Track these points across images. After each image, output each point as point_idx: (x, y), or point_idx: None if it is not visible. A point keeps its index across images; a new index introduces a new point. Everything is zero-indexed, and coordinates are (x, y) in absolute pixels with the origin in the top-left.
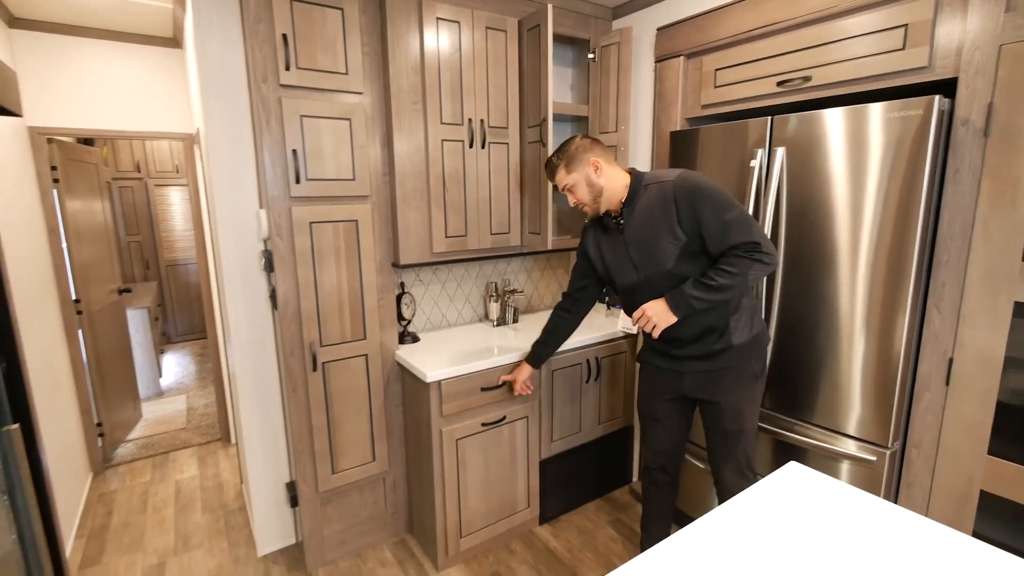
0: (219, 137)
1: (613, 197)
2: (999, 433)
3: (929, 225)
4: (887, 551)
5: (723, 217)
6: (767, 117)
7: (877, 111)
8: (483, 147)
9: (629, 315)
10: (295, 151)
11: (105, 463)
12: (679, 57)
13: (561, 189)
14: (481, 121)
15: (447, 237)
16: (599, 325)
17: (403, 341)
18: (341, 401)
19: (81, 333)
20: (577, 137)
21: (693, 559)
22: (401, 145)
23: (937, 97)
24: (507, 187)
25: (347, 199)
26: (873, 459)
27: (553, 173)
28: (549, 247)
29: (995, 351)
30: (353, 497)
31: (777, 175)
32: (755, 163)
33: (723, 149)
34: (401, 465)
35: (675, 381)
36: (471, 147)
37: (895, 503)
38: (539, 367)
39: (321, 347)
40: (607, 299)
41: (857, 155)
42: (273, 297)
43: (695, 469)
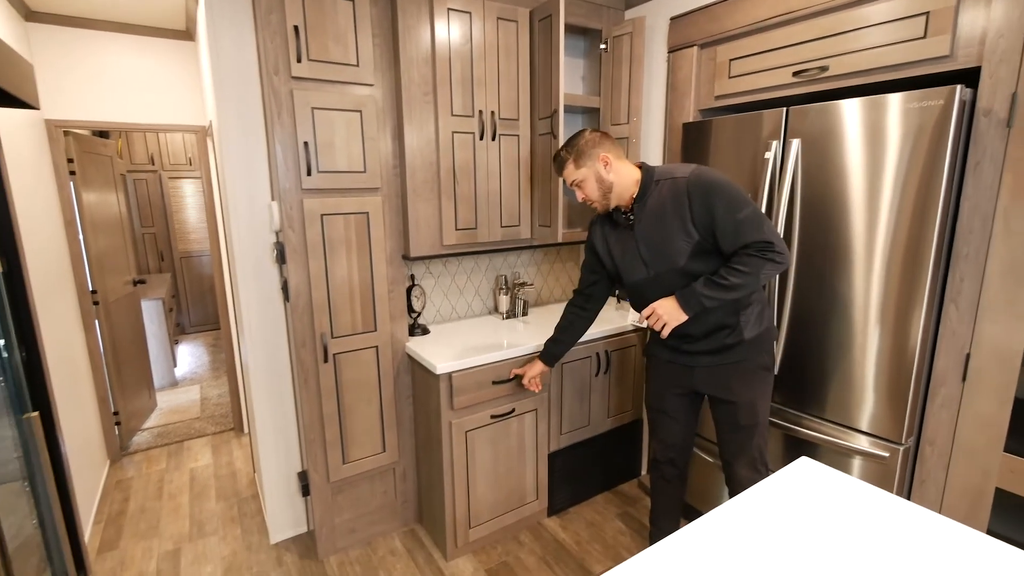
0: (232, 129)
1: (624, 193)
2: (1016, 430)
3: (948, 219)
4: (899, 547)
5: (736, 215)
6: (782, 108)
7: (896, 101)
8: (493, 139)
9: (637, 311)
10: (306, 143)
11: (122, 451)
12: (693, 47)
13: (569, 184)
14: (492, 113)
15: (457, 229)
16: (608, 319)
17: (413, 333)
18: (352, 392)
19: (98, 323)
20: (586, 130)
21: (702, 553)
22: (412, 137)
23: (959, 86)
24: (517, 179)
25: (358, 191)
26: (886, 455)
27: (561, 167)
28: (559, 240)
29: (1014, 347)
30: (363, 487)
31: (792, 167)
32: (769, 155)
33: (737, 141)
34: (411, 456)
35: (685, 376)
36: (481, 139)
37: (908, 500)
38: (552, 365)
39: (332, 338)
40: (617, 293)
41: (874, 147)
42: (285, 289)
43: (704, 463)
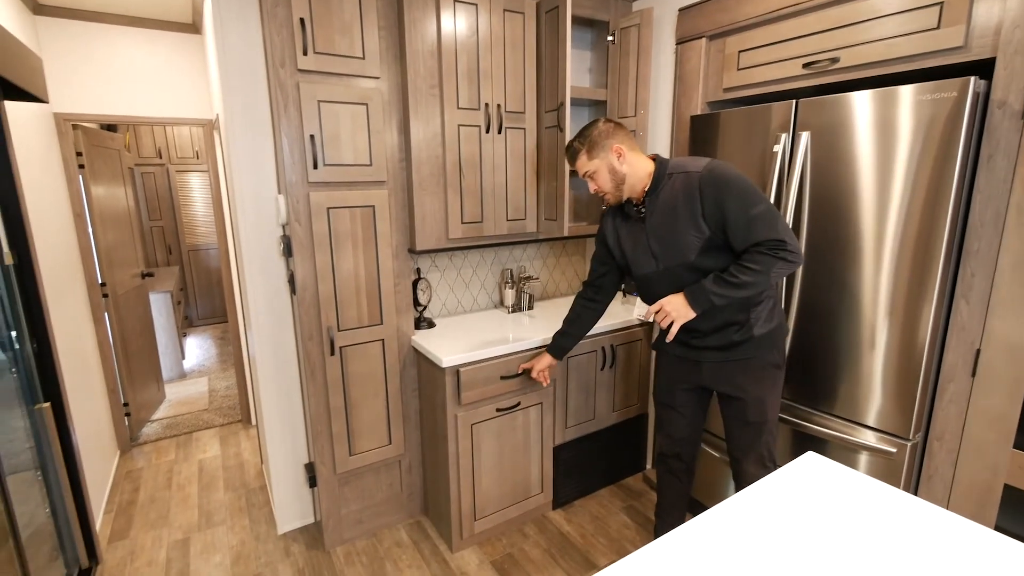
0: (238, 123)
1: (636, 185)
2: None
3: (959, 212)
4: (906, 543)
5: (749, 212)
6: (791, 101)
7: (908, 93)
8: (499, 132)
9: (647, 304)
10: (312, 136)
11: (131, 442)
12: (701, 39)
13: (582, 175)
14: (498, 106)
15: (463, 223)
16: (614, 313)
17: (419, 326)
18: (358, 385)
19: (107, 316)
20: (600, 121)
21: (707, 547)
22: (418, 130)
23: (973, 78)
24: (523, 173)
25: (364, 184)
26: (893, 451)
27: (574, 158)
28: (565, 234)
29: None
30: (369, 479)
31: (801, 160)
32: (778, 148)
33: (745, 134)
34: (417, 449)
35: (693, 371)
36: (487, 132)
37: (915, 495)
38: (561, 358)
39: (339, 331)
40: (623, 287)
41: (885, 140)
42: (292, 282)
43: (710, 458)
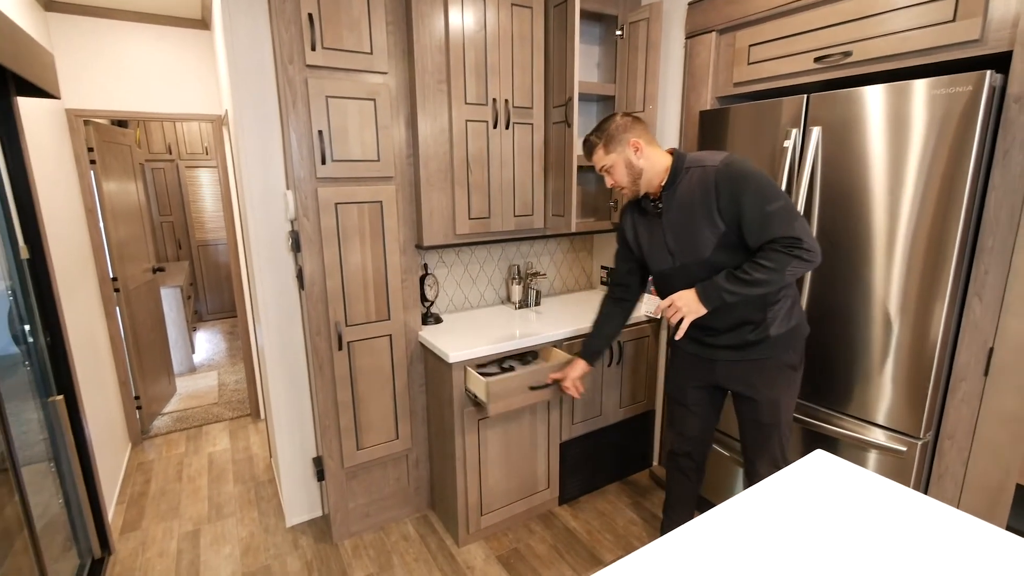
0: (247, 118)
1: (653, 180)
2: None
3: (973, 209)
4: (916, 541)
5: (765, 208)
6: (802, 95)
7: (921, 88)
8: (507, 128)
9: (662, 299)
10: (321, 132)
11: (143, 434)
12: (711, 33)
13: (598, 170)
14: (506, 101)
15: (470, 219)
16: None
17: (426, 322)
18: (366, 380)
19: (118, 310)
20: (617, 115)
21: (714, 544)
22: (425, 126)
23: (989, 72)
24: (531, 168)
25: (372, 180)
26: (903, 449)
27: (591, 152)
28: (573, 230)
29: None
30: (377, 473)
31: (811, 156)
32: (788, 144)
33: (755, 129)
34: (424, 443)
35: (707, 369)
36: (495, 128)
37: (925, 495)
38: (594, 363)
39: (346, 326)
40: None
41: (898, 135)
42: (300, 277)
43: (720, 456)
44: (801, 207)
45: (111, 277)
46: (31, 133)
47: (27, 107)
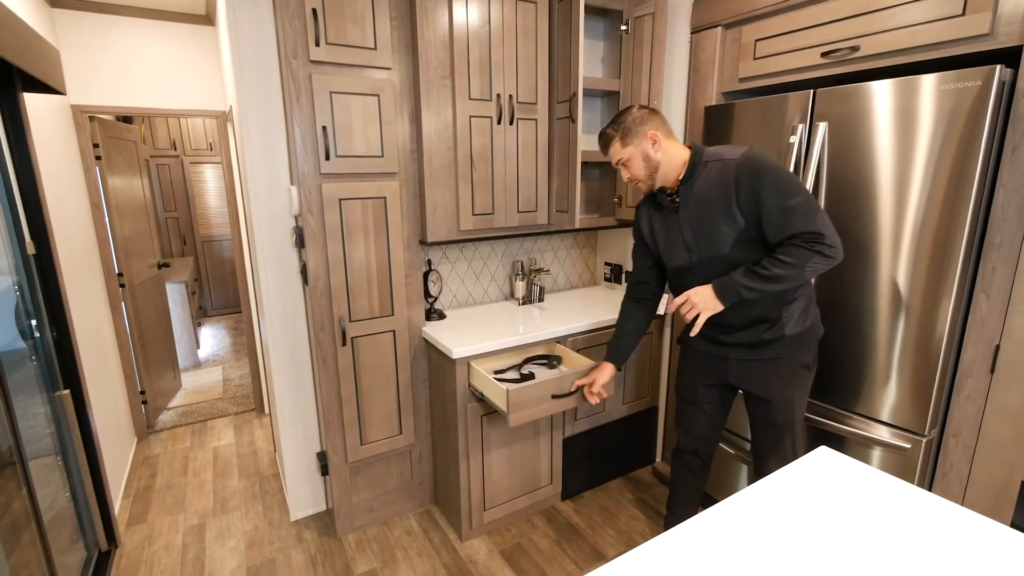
0: (251, 114)
1: (671, 174)
2: None
3: (981, 205)
4: (920, 538)
5: (786, 203)
6: (809, 91)
7: (930, 83)
8: (511, 123)
9: (676, 296)
10: (325, 128)
11: (148, 429)
12: (717, 27)
13: (614, 163)
14: (510, 97)
15: (474, 215)
16: None
17: (429, 318)
18: (369, 375)
19: (124, 305)
20: (634, 107)
21: (717, 540)
22: (429, 121)
23: (999, 67)
24: (535, 164)
25: (375, 176)
26: (907, 447)
27: (607, 145)
28: (577, 226)
29: None
30: (380, 468)
31: (818, 152)
32: (794, 139)
33: (761, 125)
34: (427, 439)
35: (718, 367)
36: (499, 123)
37: (929, 492)
38: (622, 366)
39: (350, 322)
40: None
41: (905, 130)
42: (304, 272)
43: (724, 454)
44: None
45: (117, 273)
46: (37, 129)
47: (33, 103)
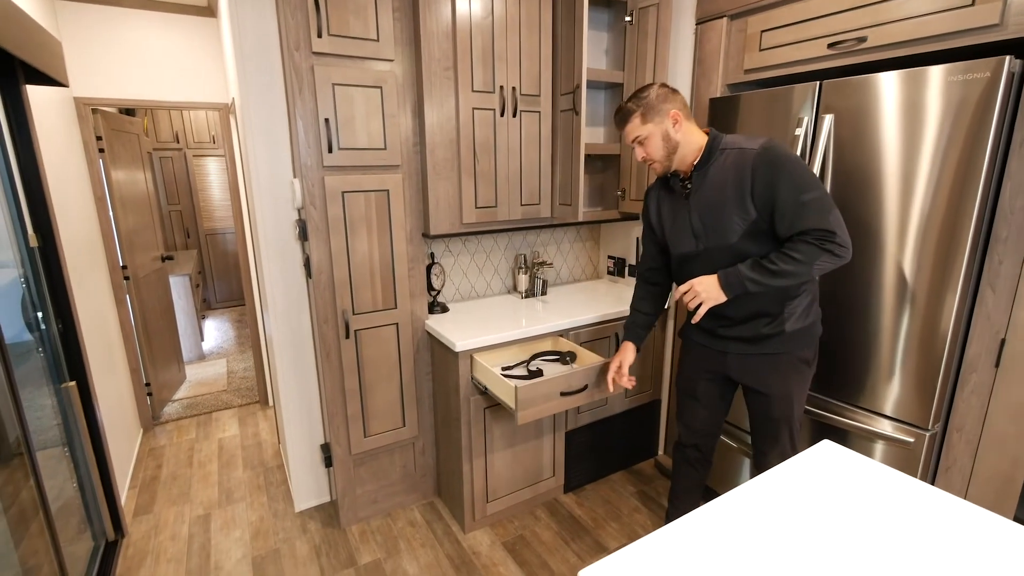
0: (254, 106)
1: (687, 157)
2: None
3: (988, 198)
4: (923, 532)
5: (800, 197)
6: (815, 82)
7: (937, 74)
8: (514, 116)
9: (679, 284)
10: (327, 120)
11: (154, 420)
12: (722, 18)
13: (630, 140)
14: (513, 89)
15: (477, 208)
16: (627, 298)
17: (432, 311)
18: (372, 368)
19: (128, 298)
20: (656, 84)
21: (719, 532)
22: (432, 114)
23: (1008, 58)
24: (538, 157)
25: (378, 169)
26: (911, 441)
27: (625, 121)
28: (580, 219)
29: None
30: (384, 460)
31: (823, 144)
32: (800, 131)
33: (766, 117)
34: (430, 431)
35: (717, 361)
36: (502, 116)
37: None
38: (641, 346)
39: (353, 315)
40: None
41: (912, 122)
42: (307, 265)
43: (727, 447)
44: None
45: (121, 265)
46: (40, 122)
47: (36, 96)
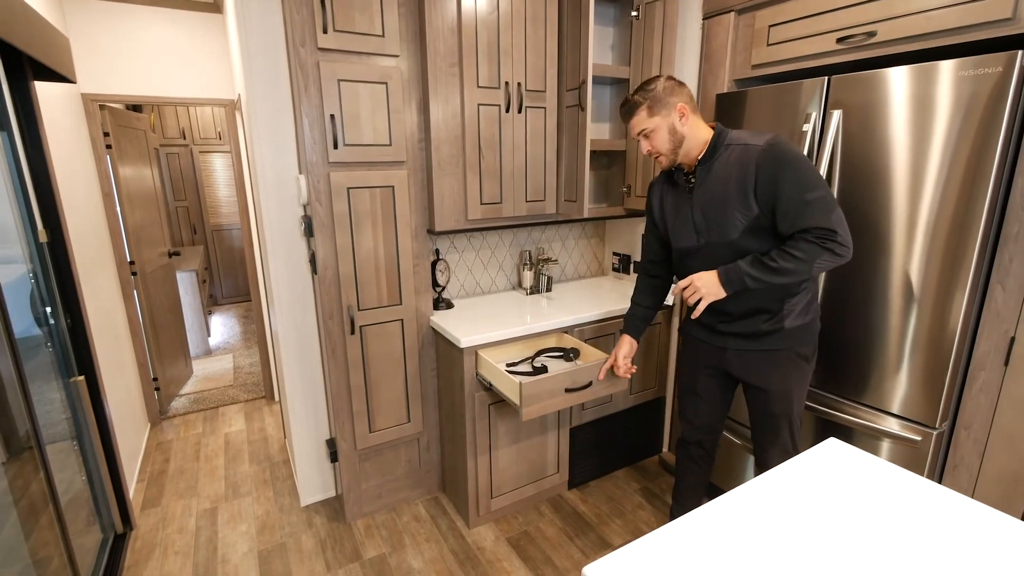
0: (259, 102)
1: (692, 151)
2: None
3: (999, 195)
4: (930, 530)
5: (804, 195)
6: (823, 77)
7: (948, 69)
8: (520, 111)
9: (680, 279)
10: (333, 116)
11: (161, 415)
12: (730, 13)
13: (636, 133)
14: (518, 84)
15: (482, 204)
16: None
17: (437, 307)
18: (378, 364)
19: (136, 293)
20: (663, 76)
21: (724, 530)
22: (437, 110)
23: (1020, 52)
24: (543, 153)
25: (383, 165)
26: (918, 439)
27: (631, 113)
28: (585, 215)
29: None
30: (389, 455)
31: (831, 140)
32: (808, 127)
33: (773, 112)
34: (435, 427)
35: (717, 356)
36: (507, 111)
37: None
38: (639, 337)
39: (359, 311)
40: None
41: (922, 118)
42: (313, 261)
43: (730, 443)
44: None
45: (128, 261)
46: (48, 118)
47: (44, 92)
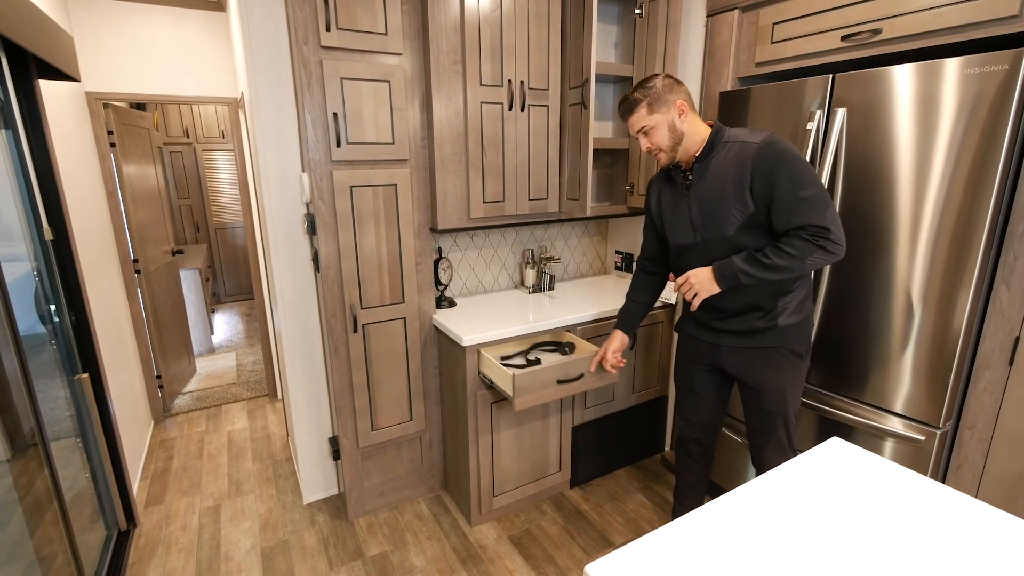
0: (263, 101)
1: (690, 148)
2: None
3: (1004, 194)
4: (934, 531)
5: (798, 193)
6: (827, 75)
7: (953, 67)
8: (522, 109)
9: (677, 275)
10: (336, 114)
11: (164, 413)
12: (733, 11)
13: (636, 131)
14: (521, 82)
15: (485, 202)
16: None
17: (440, 305)
18: (380, 362)
19: (140, 291)
20: (661, 74)
21: (726, 529)
22: (440, 108)
23: None
24: (546, 151)
25: (386, 163)
26: (921, 439)
27: (630, 111)
28: (588, 214)
29: None
30: (391, 453)
31: (835, 138)
32: (812, 126)
33: (777, 111)
34: (437, 425)
35: (712, 353)
36: (510, 110)
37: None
38: (632, 334)
39: (361, 309)
40: None
41: (927, 116)
42: (316, 260)
43: (730, 441)
44: None
45: (132, 259)
46: (52, 116)
47: (48, 90)
